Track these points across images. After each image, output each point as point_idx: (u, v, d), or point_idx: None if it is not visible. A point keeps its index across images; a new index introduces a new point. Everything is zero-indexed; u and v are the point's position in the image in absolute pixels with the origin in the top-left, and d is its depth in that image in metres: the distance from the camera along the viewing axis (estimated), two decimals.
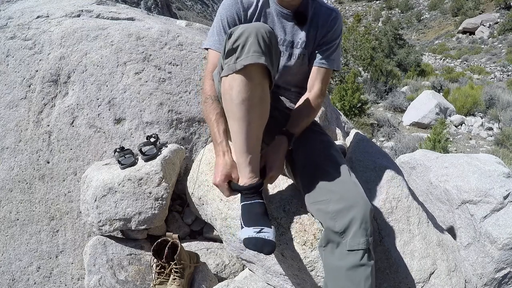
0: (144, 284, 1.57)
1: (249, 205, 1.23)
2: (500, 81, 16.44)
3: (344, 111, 8.91)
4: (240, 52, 1.10)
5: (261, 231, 1.16)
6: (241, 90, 1.11)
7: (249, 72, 1.10)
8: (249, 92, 1.11)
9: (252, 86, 1.11)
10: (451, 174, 1.79)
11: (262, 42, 1.10)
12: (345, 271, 1.15)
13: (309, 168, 1.34)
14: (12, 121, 1.87)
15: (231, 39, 1.13)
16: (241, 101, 1.11)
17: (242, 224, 1.21)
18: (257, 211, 1.22)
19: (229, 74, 1.12)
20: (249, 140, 1.17)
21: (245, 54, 1.09)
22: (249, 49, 1.09)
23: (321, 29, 1.44)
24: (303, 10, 1.44)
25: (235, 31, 1.14)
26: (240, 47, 1.10)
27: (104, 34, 2.00)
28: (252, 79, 1.11)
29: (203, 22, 2.85)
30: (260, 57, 1.09)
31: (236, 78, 1.10)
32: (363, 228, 1.15)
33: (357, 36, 13.43)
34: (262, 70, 1.13)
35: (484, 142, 8.48)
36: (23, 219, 1.79)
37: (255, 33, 1.10)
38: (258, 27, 1.12)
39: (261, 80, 1.14)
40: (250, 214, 1.21)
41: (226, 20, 1.39)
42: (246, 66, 1.08)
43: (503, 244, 1.54)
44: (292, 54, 1.46)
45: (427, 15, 45.14)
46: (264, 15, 1.43)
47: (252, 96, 1.12)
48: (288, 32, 1.45)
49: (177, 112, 1.90)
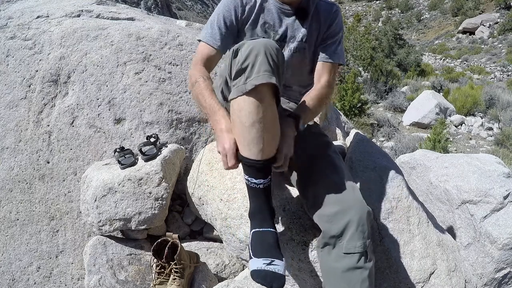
0: (144, 284, 1.57)
1: (260, 233, 1.15)
2: (500, 81, 16.43)
3: (344, 111, 8.91)
4: (250, 71, 1.07)
5: (271, 263, 1.09)
6: (252, 111, 1.07)
7: (259, 92, 1.07)
8: (261, 113, 1.07)
9: (264, 107, 1.08)
10: (451, 174, 1.79)
11: (271, 61, 1.08)
12: (341, 273, 1.15)
13: (307, 170, 1.34)
14: (12, 121, 1.87)
15: (239, 58, 1.10)
16: (252, 124, 1.07)
17: (250, 254, 1.14)
18: (269, 241, 1.14)
19: (238, 96, 1.08)
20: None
21: (256, 74, 1.06)
22: (259, 69, 1.06)
23: (323, 24, 1.45)
24: (304, 6, 1.44)
25: (242, 48, 1.11)
26: (250, 67, 1.07)
27: (104, 34, 2.00)
28: (263, 100, 1.08)
29: (203, 22, 2.86)
30: (271, 77, 1.07)
31: (246, 100, 1.07)
32: (360, 231, 1.14)
33: (357, 36, 13.43)
34: (272, 90, 1.10)
35: (484, 142, 8.48)
36: (23, 219, 1.79)
37: (264, 51, 1.08)
38: (266, 44, 1.10)
39: (271, 101, 1.11)
40: (261, 244, 1.14)
41: (222, 15, 1.38)
42: (257, 86, 1.05)
43: (503, 244, 1.54)
44: (291, 49, 1.46)
45: (427, 15, 45.15)
46: (263, 11, 1.42)
47: (264, 118, 1.08)
48: (289, 27, 1.44)
49: (177, 112, 1.90)
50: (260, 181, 1.15)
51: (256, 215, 1.18)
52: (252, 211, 1.20)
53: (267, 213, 1.18)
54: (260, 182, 1.15)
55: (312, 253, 1.36)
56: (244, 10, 1.40)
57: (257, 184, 1.15)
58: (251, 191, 1.19)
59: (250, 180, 1.16)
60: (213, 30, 1.38)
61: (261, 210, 1.18)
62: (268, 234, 1.15)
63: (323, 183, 1.26)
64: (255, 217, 1.19)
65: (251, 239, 1.16)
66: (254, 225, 1.18)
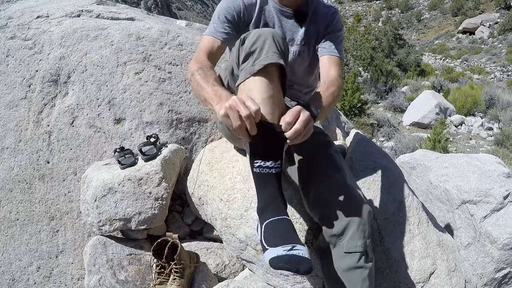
0: (144, 284, 1.57)
1: (275, 222, 1.02)
2: (500, 81, 16.43)
3: (344, 111, 8.91)
4: (258, 53, 1.07)
5: (292, 249, 0.94)
6: (262, 89, 1.05)
7: (269, 72, 1.06)
8: (271, 91, 1.05)
9: (273, 86, 1.06)
10: (451, 174, 1.79)
11: (279, 46, 1.09)
12: (341, 273, 1.15)
13: (308, 169, 1.34)
14: (12, 121, 1.87)
15: (247, 43, 1.10)
16: (262, 101, 1.04)
17: (265, 245, 0.99)
18: (286, 227, 1.01)
19: (246, 79, 1.07)
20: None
21: (265, 55, 1.06)
22: (268, 50, 1.06)
23: (321, 25, 1.45)
24: (303, 9, 1.44)
25: (249, 35, 1.12)
26: (259, 49, 1.08)
27: (104, 34, 2.00)
28: (272, 79, 1.06)
29: (203, 22, 2.84)
30: (280, 58, 1.07)
31: (256, 80, 1.05)
32: (360, 230, 1.15)
33: (357, 36, 13.43)
34: (280, 72, 1.09)
35: (484, 142, 8.48)
36: (23, 219, 1.79)
37: (271, 36, 1.09)
38: (273, 31, 1.11)
39: (279, 83, 1.09)
40: (278, 232, 1.00)
41: (224, 11, 1.39)
42: (266, 66, 1.05)
43: (503, 244, 1.54)
44: (291, 51, 1.46)
45: (427, 15, 45.14)
46: (264, 12, 1.43)
47: (274, 97, 1.05)
48: (287, 29, 1.45)
49: (177, 112, 1.90)
50: (272, 163, 1.05)
51: (269, 206, 1.05)
52: (264, 203, 1.07)
53: (280, 202, 1.07)
54: (272, 166, 1.05)
55: (312, 253, 1.36)
56: (245, 9, 1.41)
57: (269, 168, 1.05)
58: (261, 180, 1.07)
59: (262, 165, 1.05)
60: (215, 24, 1.38)
61: (273, 199, 1.06)
62: (285, 221, 1.03)
63: (325, 182, 1.26)
64: (267, 208, 1.05)
65: (263, 231, 1.02)
66: (266, 217, 1.04)
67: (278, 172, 1.07)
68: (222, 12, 1.39)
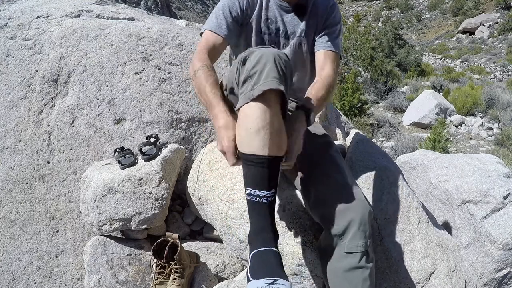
0: (144, 284, 1.57)
1: (262, 253, 1.00)
2: (500, 81, 16.43)
3: (344, 111, 8.91)
4: (258, 77, 1.04)
5: (274, 283, 0.92)
6: (259, 117, 1.01)
7: (267, 99, 1.03)
8: (268, 119, 1.02)
9: (270, 113, 1.03)
10: (451, 174, 1.79)
11: (280, 69, 1.06)
12: (342, 273, 1.15)
13: (308, 169, 1.34)
14: (12, 121, 1.87)
15: (248, 65, 1.07)
16: (257, 131, 1.01)
17: (249, 276, 0.98)
18: (271, 261, 0.99)
19: (245, 104, 1.04)
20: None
21: (264, 80, 1.03)
22: (268, 75, 1.03)
23: (321, 17, 1.46)
24: (303, 3, 1.45)
25: (251, 56, 1.08)
26: (258, 73, 1.04)
27: (104, 34, 2.00)
28: (270, 106, 1.03)
29: (203, 22, 2.86)
30: (280, 84, 1.03)
31: (253, 106, 1.02)
32: (361, 230, 1.15)
33: (357, 36, 13.43)
34: (279, 98, 1.07)
35: (484, 142, 8.48)
36: (23, 219, 1.79)
37: (273, 59, 1.05)
38: (275, 53, 1.07)
39: (278, 109, 1.06)
40: (262, 264, 0.99)
41: (228, 6, 1.38)
42: (264, 92, 1.02)
43: (503, 244, 1.54)
44: (292, 44, 1.48)
45: (427, 15, 45.13)
46: (266, 7, 1.44)
47: (271, 125, 1.02)
48: (288, 23, 1.46)
49: (177, 112, 1.90)
50: (263, 193, 1.03)
51: (258, 236, 1.04)
52: (253, 232, 1.06)
53: (270, 232, 1.05)
54: (264, 195, 1.03)
55: (313, 253, 1.37)
56: (248, 4, 1.41)
57: (260, 197, 1.03)
58: (252, 208, 1.06)
59: (253, 193, 1.04)
60: (219, 19, 1.37)
61: (263, 229, 1.04)
62: (270, 253, 1.01)
63: (325, 182, 1.26)
64: (256, 238, 1.04)
65: (250, 261, 1.01)
66: (254, 246, 1.03)
67: (270, 202, 1.05)
68: (226, 7, 1.38)
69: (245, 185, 1.07)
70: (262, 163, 1.03)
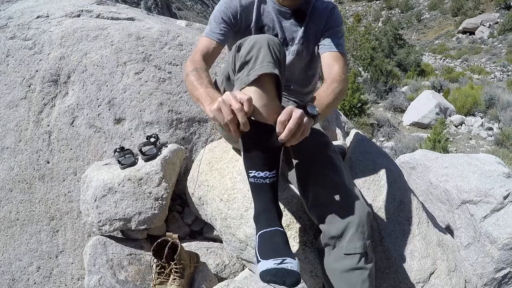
0: (144, 284, 1.57)
1: (268, 233, 1.04)
2: (500, 81, 16.42)
3: (344, 111, 8.91)
4: (253, 63, 1.05)
5: (282, 262, 0.97)
6: (256, 99, 1.02)
7: (263, 83, 1.04)
8: (265, 101, 1.04)
9: (268, 96, 1.05)
10: (451, 174, 1.79)
11: (274, 54, 1.07)
12: (340, 274, 1.15)
13: (306, 170, 1.33)
14: (12, 121, 1.87)
15: (242, 51, 1.08)
16: (256, 110, 1.03)
17: (258, 257, 1.01)
18: (278, 240, 1.03)
19: (241, 89, 1.05)
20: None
21: (259, 64, 1.04)
22: (263, 60, 1.05)
23: (320, 22, 1.46)
24: (303, 8, 1.45)
25: (245, 42, 1.10)
26: (254, 58, 1.06)
27: (104, 34, 2.00)
28: (267, 90, 1.05)
29: (203, 22, 2.85)
30: (274, 68, 1.05)
31: (250, 90, 1.04)
32: (360, 231, 1.14)
33: (357, 36, 13.44)
34: (275, 82, 1.08)
35: (484, 142, 8.48)
36: (23, 219, 1.79)
37: (267, 44, 1.07)
38: (268, 38, 1.09)
39: (274, 93, 1.07)
40: (269, 244, 1.02)
41: (221, 12, 1.40)
42: (260, 76, 1.03)
43: (503, 244, 1.54)
44: (289, 51, 1.47)
45: (427, 15, 45.14)
46: (262, 12, 1.44)
47: (267, 106, 1.04)
48: (287, 29, 1.46)
49: (177, 112, 1.90)
50: (266, 174, 1.05)
51: (262, 216, 1.07)
52: (258, 213, 1.09)
53: (274, 212, 1.08)
54: (267, 176, 1.05)
55: (313, 253, 1.37)
56: (242, 10, 1.42)
57: (263, 178, 1.05)
58: (256, 189, 1.09)
59: (256, 175, 1.06)
60: (212, 26, 1.39)
61: (267, 209, 1.08)
62: (277, 233, 1.05)
63: (323, 183, 1.26)
64: (261, 218, 1.07)
65: (257, 242, 1.05)
66: (260, 227, 1.06)
67: (273, 182, 1.08)
68: (218, 14, 1.40)
69: (248, 170, 1.08)
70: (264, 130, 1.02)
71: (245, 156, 1.08)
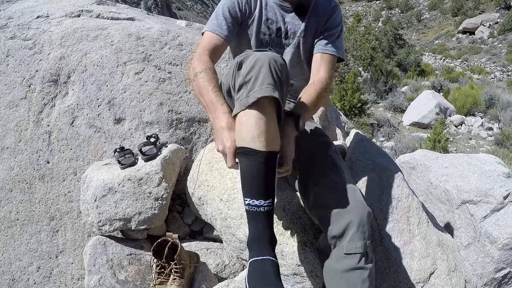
0: (144, 284, 1.57)
1: (259, 262, 1.02)
2: (500, 81, 16.43)
3: (344, 111, 8.91)
4: (252, 84, 1.03)
5: None
6: (253, 126, 1.02)
7: (262, 105, 1.03)
8: (262, 128, 1.02)
9: (266, 121, 1.03)
10: (451, 174, 1.79)
11: (275, 75, 1.05)
12: (341, 273, 1.15)
13: (307, 170, 1.33)
14: (12, 121, 1.87)
15: (243, 71, 1.06)
16: (252, 139, 1.02)
17: (247, 286, 1.01)
18: (269, 271, 1.01)
19: (241, 111, 1.04)
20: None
21: (258, 86, 1.02)
22: (263, 81, 1.02)
23: (322, 18, 1.46)
24: (304, 3, 1.46)
25: (246, 60, 1.08)
26: (253, 79, 1.04)
27: (104, 34, 2.00)
28: (265, 113, 1.03)
29: (203, 22, 2.86)
30: (274, 91, 1.03)
31: (248, 113, 1.03)
32: (360, 231, 1.14)
33: (357, 36, 13.44)
34: (275, 105, 1.06)
35: (484, 142, 8.48)
36: (23, 219, 1.79)
37: (268, 64, 1.05)
38: (270, 57, 1.06)
39: (273, 116, 1.06)
40: (259, 274, 1.01)
41: (227, 7, 1.39)
42: (259, 99, 1.02)
43: (503, 244, 1.54)
44: (290, 44, 1.48)
45: (427, 15, 45.14)
46: (265, 7, 1.45)
47: (266, 133, 1.03)
48: (289, 23, 1.46)
49: (177, 112, 1.90)
50: (261, 202, 1.04)
51: (254, 243, 1.06)
52: (252, 239, 1.07)
53: (267, 240, 1.06)
54: (261, 204, 1.05)
55: (312, 253, 1.37)
56: (246, 4, 1.42)
57: (257, 206, 1.05)
58: (251, 216, 1.07)
59: (251, 203, 1.05)
60: (219, 21, 1.37)
61: (260, 237, 1.06)
62: (268, 262, 1.02)
63: (324, 183, 1.26)
64: (253, 245, 1.06)
65: (248, 270, 1.03)
66: (252, 254, 1.05)
67: (267, 211, 1.06)
68: (225, 8, 1.39)
69: (244, 196, 1.08)
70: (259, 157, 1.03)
71: (241, 182, 1.09)
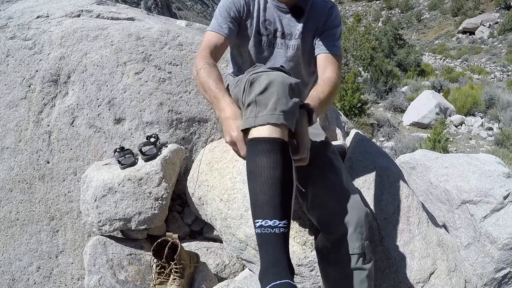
0: (144, 284, 1.57)
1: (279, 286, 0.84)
2: (500, 81, 16.43)
3: (344, 111, 8.91)
4: (263, 106, 0.99)
5: None
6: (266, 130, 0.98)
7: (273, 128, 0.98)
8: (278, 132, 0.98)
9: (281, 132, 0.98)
10: (451, 174, 1.79)
11: (286, 100, 0.99)
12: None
13: (305, 170, 1.33)
14: (12, 121, 1.87)
15: (256, 89, 1.01)
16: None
17: None
18: None
19: (252, 127, 1.00)
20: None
21: (271, 111, 0.97)
22: (275, 107, 0.98)
23: (319, 20, 1.46)
24: (301, 5, 1.46)
25: (259, 79, 1.02)
26: (264, 102, 0.99)
27: (104, 34, 2.00)
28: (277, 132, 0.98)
29: (203, 22, 2.85)
30: (282, 118, 0.98)
31: (261, 129, 0.98)
32: (358, 232, 1.14)
33: (357, 36, 13.42)
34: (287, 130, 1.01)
35: (484, 142, 8.48)
36: (23, 219, 1.79)
37: (281, 88, 0.99)
38: (285, 80, 1.01)
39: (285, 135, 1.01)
40: None
41: (226, 6, 1.42)
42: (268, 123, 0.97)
43: (503, 244, 1.54)
44: (289, 45, 1.48)
45: (427, 15, 45.14)
46: (264, 9, 1.46)
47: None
48: (286, 24, 1.47)
49: (177, 112, 1.90)
50: (275, 222, 0.89)
51: (270, 270, 0.88)
52: (265, 268, 0.89)
53: (285, 263, 0.89)
54: (276, 225, 0.89)
55: (312, 253, 1.37)
56: (245, 4, 1.44)
57: (271, 227, 0.89)
58: (263, 240, 0.91)
59: (264, 225, 0.90)
60: (218, 20, 1.41)
61: (278, 263, 0.88)
62: (286, 286, 0.85)
63: (322, 184, 1.25)
64: (270, 273, 0.87)
65: None
66: (267, 282, 0.86)
67: (284, 232, 0.91)
68: (224, 8, 1.42)
69: (254, 218, 0.93)
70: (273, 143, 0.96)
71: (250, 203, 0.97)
